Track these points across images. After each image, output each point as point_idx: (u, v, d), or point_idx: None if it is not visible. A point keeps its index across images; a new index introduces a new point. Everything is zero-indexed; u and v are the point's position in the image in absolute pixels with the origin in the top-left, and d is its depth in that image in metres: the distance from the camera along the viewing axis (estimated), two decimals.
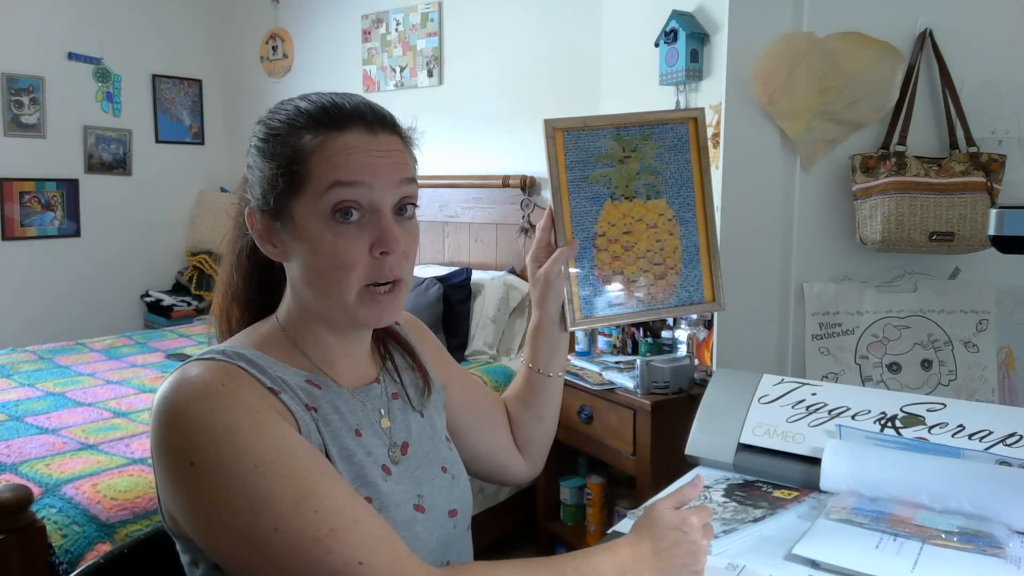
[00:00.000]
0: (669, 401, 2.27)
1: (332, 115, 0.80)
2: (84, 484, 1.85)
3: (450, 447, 0.96)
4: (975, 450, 1.02)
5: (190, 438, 0.70)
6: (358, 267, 0.78)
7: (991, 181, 1.42)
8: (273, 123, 0.82)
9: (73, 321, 4.29)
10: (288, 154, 0.79)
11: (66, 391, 2.70)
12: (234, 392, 0.73)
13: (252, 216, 0.82)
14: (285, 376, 0.80)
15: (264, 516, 0.67)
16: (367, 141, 0.79)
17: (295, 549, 0.67)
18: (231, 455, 0.69)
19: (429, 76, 3.74)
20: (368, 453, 0.82)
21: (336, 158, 0.77)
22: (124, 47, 4.50)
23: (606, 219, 1.01)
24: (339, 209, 0.77)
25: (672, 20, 2.59)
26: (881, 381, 1.53)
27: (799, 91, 1.52)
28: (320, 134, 0.79)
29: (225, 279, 0.91)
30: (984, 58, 1.47)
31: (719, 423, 1.17)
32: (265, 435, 0.71)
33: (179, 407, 0.71)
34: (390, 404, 0.90)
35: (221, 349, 0.79)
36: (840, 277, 1.57)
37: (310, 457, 0.72)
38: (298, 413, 0.77)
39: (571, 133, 1.02)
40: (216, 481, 0.68)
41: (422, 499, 0.85)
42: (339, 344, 0.86)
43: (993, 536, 0.87)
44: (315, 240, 0.78)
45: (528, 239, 3.26)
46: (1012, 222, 0.92)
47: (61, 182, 4.30)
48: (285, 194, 0.79)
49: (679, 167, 1.03)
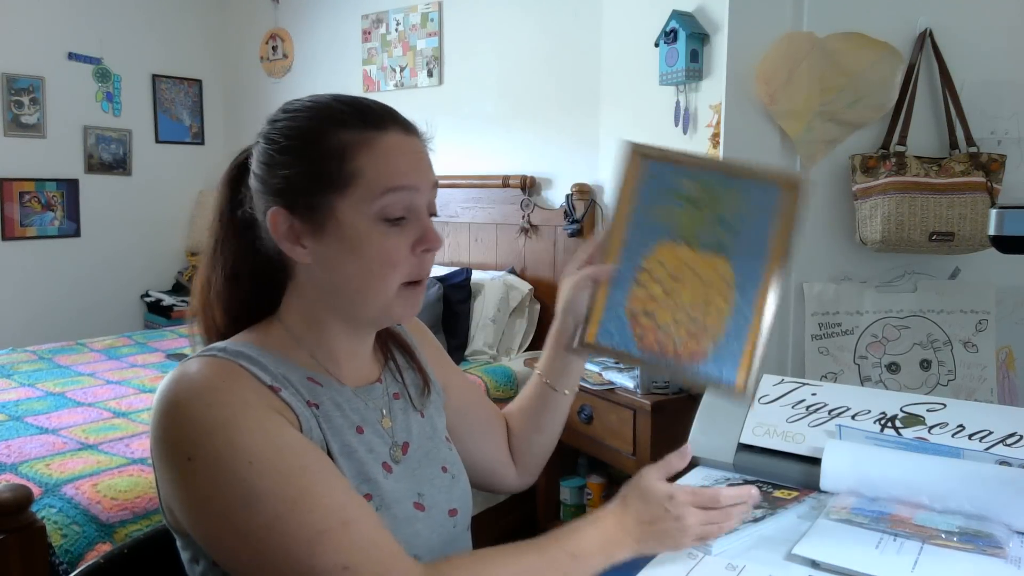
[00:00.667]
0: (669, 401, 2.27)
1: (368, 114, 0.80)
2: (84, 484, 1.85)
3: (450, 447, 0.96)
4: (975, 450, 1.02)
5: (188, 433, 0.70)
6: (402, 266, 0.80)
7: (991, 181, 1.42)
8: (301, 121, 0.81)
9: (73, 321, 4.29)
10: (329, 151, 0.78)
11: (66, 391, 2.70)
12: (232, 389, 0.73)
13: (277, 217, 0.79)
14: (287, 373, 0.79)
15: (257, 513, 0.68)
16: (407, 142, 0.81)
17: (285, 548, 0.67)
18: (227, 451, 0.69)
19: (429, 76, 3.74)
20: (369, 450, 0.83)
21: (386, 159, 0.78)
22: (124, 47, 4.50)
23: (658, 257, 0.93)
24: (391, 217, 0.78)
25: (672, 20, 2.60)
26: (880, 381, 1.53)
27: (800, 91, 1.52)
28: (362, 132, 0.79)
29: (210, 283, 0.86)
30: (984, 58, 1.47)
31: (719, 423, 1.17)
32: (261, 432, 0.71)
33: (178, 403, 0.72)
34: (391, 404, 0.90)
35: (222, 347, 0.79)
36: (840, 277, 1.57)
37: (307, 454, 0.72)
38: (299, 409, 0.77)
39: (651, 161, 0.96)
40: (211, 476, 0.69)
41: (422, 497, 0.85)
42: (346, 343, 0.86)
43: (993, 536, 0.87)
44: (361, 239, 0.78)
45: (528, 239, 3.26)
46: (1012, 222, 0.92)
47: (61, 182, 4.30)
48: (327, 192, 0.77)
49: (757, 232, 0.90)
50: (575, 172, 3.13)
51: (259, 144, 0.83)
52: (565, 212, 3.07)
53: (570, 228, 3.05)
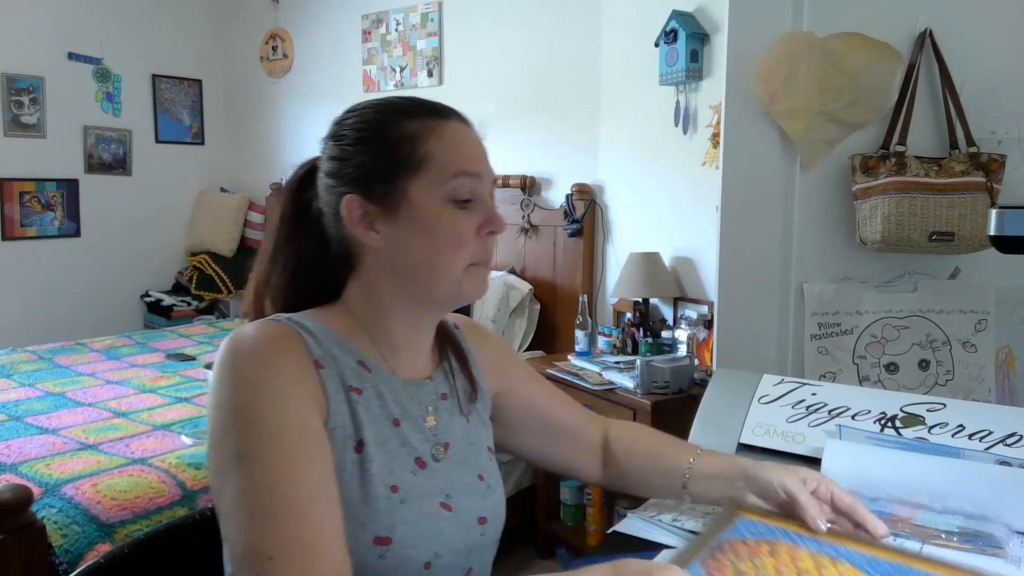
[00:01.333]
0: (669, 401, 2.27)
1: (431, 106, 0.87)
2: (84, 484, 1.85)
3: (491, 458, 0.96)
4: (975, 450, 1.02)
5: (222, 384, 0.75)
6: (469, 246, 0.84)
7: (991, 181, 1.41)
8: (369, 115, 0.86)
9: (73, 321, 4.29)
10: (401, 137, 0.83)
11: (66, 391, 2.70)
12: (278, 352, 0.77)
13: (351, 203, 0.84)
14: (338, 352, 0.83)
15: (237, 470, 0.71)
16: (469, 131, 0.88)
17: (242, 515, 0.70)
18: (243, 403, 0.73)
19: (429, 76, 3.74)
20: (403, 443, 0.84)
21: (456, 144, 0.85)
22: (124, 47, 4.51)
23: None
24: (459, 198, 0.83)
25: (672, 20, 2.60)
26: (878, 381, 1.53)
27: (799, 91, 1.52)
28: (428, 120, 0.85)
29: (268, 279, 0.90)
30: (984, 58, 1.47)
31: (719, 423, 1.17)
32: (279, 401, 0.74)
33: (225, 355, 0.77)
34: (438, 403, 0.91)
35: (287, 316, 0.83)
36: (840, 277, 1.57)
37: (304, 439, 0.74)
38: (332, 392, 0.80)
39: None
40: (224, 425, 0.74)
41: (451, 499, 0.86)
42: (408, 333, 0.89)
43: (993, 536, 0.87)
44: (433, 219, 0.82)
45: (528, 239, 3.26)
46: (1012, 222, 0.92)
47: (61, 182, 4.31)
48: (400, 175, 0.83)
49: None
50: (575, 172, 3.13)
51: (327, 144, 0.88)
52: (565, 212, 3.07)
53: (570, 228, 3.05)
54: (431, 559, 0.81)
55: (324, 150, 0.89)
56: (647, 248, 2.79)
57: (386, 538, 0.78)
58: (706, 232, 2.61)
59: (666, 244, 2.81)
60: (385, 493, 0.80)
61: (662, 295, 2.75)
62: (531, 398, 1.05)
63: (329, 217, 0.86)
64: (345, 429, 0.80)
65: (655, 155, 2.84)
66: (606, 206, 3.08)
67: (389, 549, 0.78)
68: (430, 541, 0.81)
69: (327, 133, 0.89)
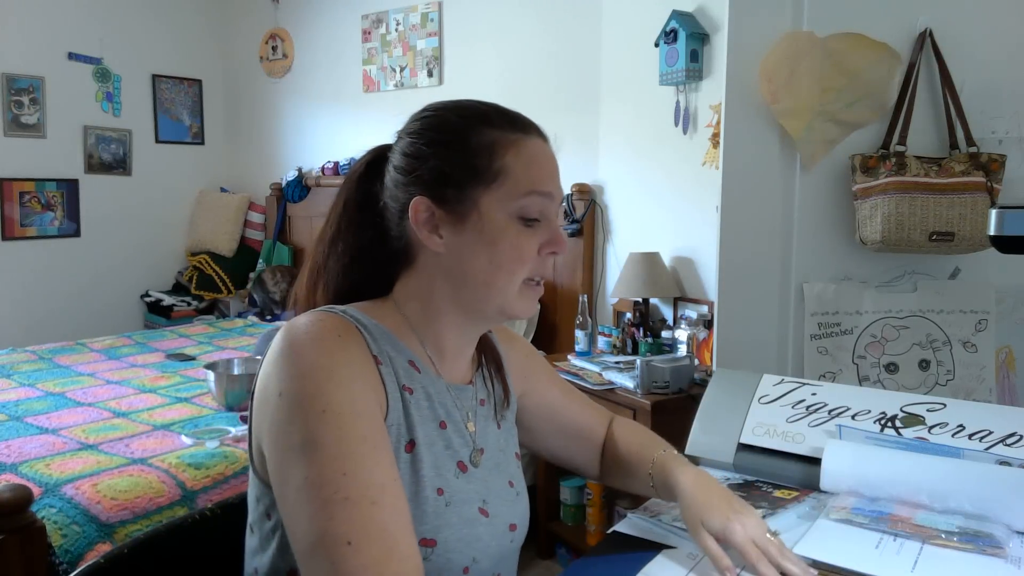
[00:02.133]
0: (669, 401, 2.27)
1: (514, 118, 0.86)
2: (84, 484, 1.85)
3: (518, 464, 0.97)
4: (975, 450, 1.02)
5: (288, 370, 0.74)
6: (529, 264, 0.84)
7: (991, 181, 1.42)
8: (451, 117, 0.85)
9: (73, 321, 4.29)
10: (479, 146, 0.82)
11: (66, 391, 2.70)
12: (343, 343, 0.77)
13: (419, 205, 0.83)
14: (391, 351, 0.82)
15: (308, 460, 0.70)
16: (547, 150, 0.88)
17: (313, 502, 0.68)
18: (312, 393, 0.72)
19: (429, 76, 3.74)
20: (447, 446, 0.84)
21: (533, 162, 0.84)
22: (124, 47, 4.51)
23: None
24: (528, 217, 0.83)
25: (672, 20, 2.60)
26: (878, 381, 1.53)
27: (800, 91, 1.52)
28: (510, 133, 0.84)
29: (321, 268, 0.89)
30: (984, 58, 1.47)
31: (719, 423, 1.17)
32: (347, 390, 0.74)
33: (290, 343, 0.76)
34: (477, 409, 0.91)
35: (342, 309, 0.83)
36: (840, 277, 1.57)
37: (374, 428, 0.74)
38: (391, 389, 0.80)
39: None
40: (290, 412, 0.72)
41: (487, 505, 0.86)
42: (456, 339, 0.89)
43: (993, 536, 0.87)
44: (499, 233, 0.82)
45: None
46: (1012, 222, 0.92)
47: (61, 182, 4.30)
48: (473, 185, 0.82)
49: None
50: (575, 172, 3.13)
51: (403, 139, 0.87)
52: (565, 212, 3.07)
53: (570, 228, 3.05)
54: (469, 564, 0.82)
55: (398, 144, 0.87)
56: (647, 248, 2.79)
57: (432, 540, 0.78)
58: (706, 232, 2.61)
59: (666, 244, 2.81)
60: (433, 495, 0.80)
61: (662, 295, 2.75)
62: (551, 401, 1.06)
63: (394, 212, 0.86)
64: (399, 427, 0.80)
65: (655, 155, 2.84)
66: (606, 206, 3.08)
67: (434, 552, 0.79)
68: (471, 546, 0.81)
69: (403, 127, 0.88)
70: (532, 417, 1.04)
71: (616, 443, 1.07)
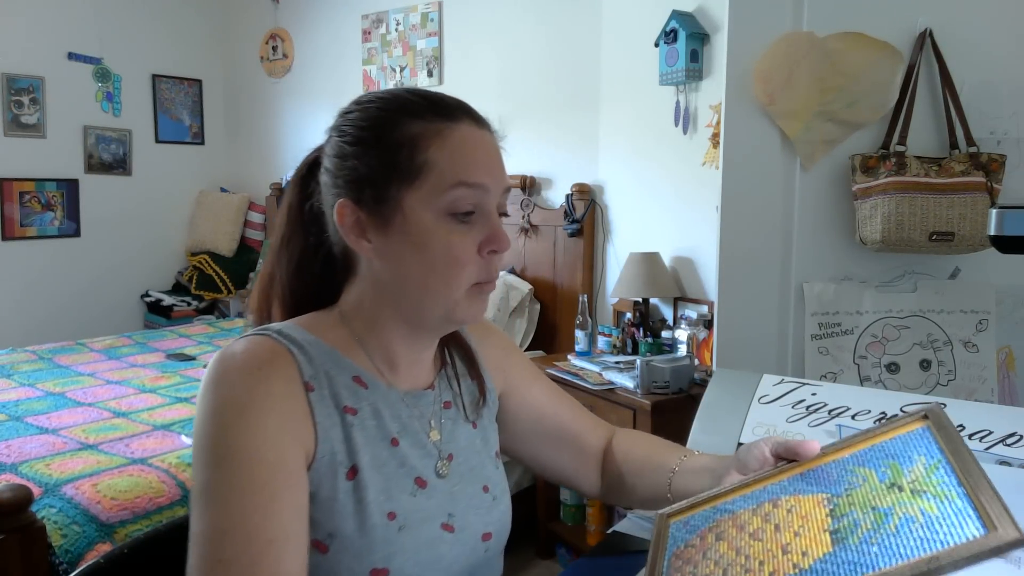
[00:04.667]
0: (669, 401, 2.27)
1: (440, 105, 0.78)
2: (84, 484, 1.85)
3: (497, 465, 0.91)
4: (975, 450, 1.01)
5: (202, 407, 0.72)
6: (470, 265, 0.77)
7: (991, 181, 1.41)
8: (372, 111, 0.79)
9: (73, 321, 4.29)
10: (400, 141, 0.76)
11: (66, 391, 2.70)
12: (266, 377, 0.72)
13: (343, 209, 0.77)
14: (332, 370, 0.77)
15: (198, 508, 0.69)
16: (480, 136, 0.79)
17: (195, 555, 0.67)
18: (216, 435, 0.70)
19: (429, 76, 3.74)
20: (401, 464, 0.79)
21: (459, 151, 0.76)
22: (124, 47, 4.51)
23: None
24: (460, 211, 0.76)
25: (672, 20, 2.60)
26: (880, 381, 1.52)
27: (799, 91, 1.52)
28: (433, 122, 0.77)
29: (273, 276, 0.85)
30: (984, 58, 1.47)
31: (719, 423, 1.16)
32: (254, 431, 0.70)
33: (212, 375, 0.73)
34: (441, 414, 0.86)
35: (278, 328, 0.78)
36: (840, 277, 1.57)
37: (274, 475, 0.69)
38: (321, 417, 0.75)
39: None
40: (196, 453, 0.71)
41: (453, 518, 0.81)
42: (406, 348, 0.83)
43: None
44: (427, 235, 0.75)
45: (528, 239, 3.26)
46: (1012, 222, 0.92)
47: (61, 182, 4.31)
48: (395, 184, 0.76)
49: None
50: (575, 172, 3.13)
51: (331, 138, 0.81)
52: (565, 212, 3.07)
53: (570, 228, 3.05)
54: None
55: (327, 142, 0.82)
56: (647, 248, 2.79)
57: (383, 569, 0.74)
58: (706, 232, 2.61)
59: (666, 244, 2.81)
60: (382, 521, 0.75)
61: (662, 295, 2.75)
62: (534, 400, 0.98)
63: (329, 216, 0.80)
64: (336, 456, 0.75)
65: (655, 155, 2.84)
66: (606, 206, 3.08)
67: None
68: (430, 568, 0.77)
69: (332, 123, 0.82)
70: (515, 420, 0.97)
71: (627, 451, 0.98)
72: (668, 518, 0.78)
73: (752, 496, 0.74)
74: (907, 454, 0.69)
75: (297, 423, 0.73)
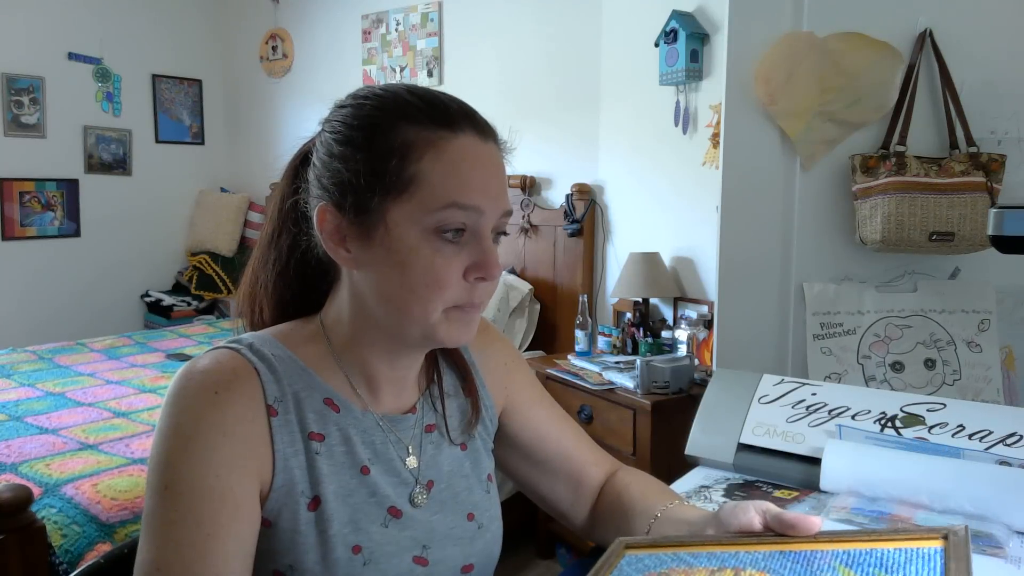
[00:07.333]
0: (669, 401, 2.27)
1: (441, 111, 0.71)
2: (84, 484, 1.85)
3: (488, 489, 0.85)
4: (975, 450, 1.02)
5: (159, 426, 0.69)
6: (450, 289, 0.70)
7: (991, 181, 1.41)
8: (366, 110, 0.72)
9: (73, 321, 4.29)
10: (392, 148, 0.69)
11: (66, 391, 2.70)
12: (223, 401, 0.68)
13: (324, 214, 0.71)
14: (301, 391, 0.73)
15: (142, 537, 0.67)
16: (480, 150, 0.72)
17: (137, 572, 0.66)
18: (162, 461, 0.67)
19: (429, 76, 3.74)
20: (372, 494, 0.74)
21: (456, 168, 0.69)
22: (124, 47, 4.51)
23: None
24: (449, 229, 0.69)
25: (672, 20, 2.60)
26: (885, 381, 1.52)
27: (799, 91, 1.52)
28: (431, 131, 0.69)
29: (258, 275, 0.80)
30: (984, 58, 1.47)
31: (719, 423, 1.16)
32: (200, 460, 0.66)
33: (173, 395, 0.69)
34: (422, 438, 0.80)
35: (250, 341, 0.74)
36: (840, 277, 1.57)
37: (220, 510, 0.66)
38: (282, 445, 0.70)
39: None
40: (148, 476, 0.69)
41: (428, 551, 0.76)
42: (388, 368, 0.78)
43: (993, 536, 0.87)
44: (409, 252, 0.68)
45: (528, 239, 3.26)
46: (1012, 222, 0.92)
47: (61, 182, 4.31)
48: (380, 195, 0.69)
49: None
50: (575, 172, 3.13)
51: (322, 132, 0.75)
52: (565, 212, 3.07)
53: (570, 228, 3.05)
54: None
55: (319, 137, 0.76)
56: (647, 248, 2.79)
57: None
58: (706, 232, 2.61)
59: (666, 244, 2.81)
60: (346, 555, 0.70)
61: (662, 295, 2.75)
62: (537, 422, 0.92)
63: (312, 217, 0.74)
64: (297, 486, 0.70)
65: (655, 155, 2.84)
66: (606, 206, 3.08)
67: None
68: None
69: (327, 115, 0.77)
70: (514, 440, 0.91)
71: (623, 490, 0.90)
72: (625, 548, 0.72)
73: (718, 556, 0.67)
74: (903, 573, 0.60)
75: (252, 450, 0.69)
